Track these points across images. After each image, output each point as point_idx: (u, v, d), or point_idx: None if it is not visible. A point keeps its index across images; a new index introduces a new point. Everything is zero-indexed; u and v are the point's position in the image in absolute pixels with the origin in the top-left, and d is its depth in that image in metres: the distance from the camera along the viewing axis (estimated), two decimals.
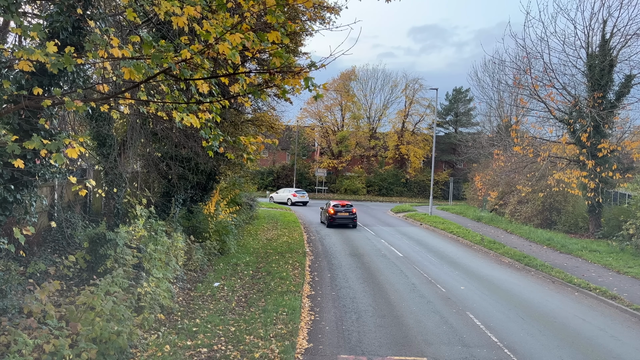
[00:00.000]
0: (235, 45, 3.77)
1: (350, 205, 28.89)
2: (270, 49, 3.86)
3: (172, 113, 4.67)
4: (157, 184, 16.50)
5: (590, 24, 24.46)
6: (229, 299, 11.80)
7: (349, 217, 28.02)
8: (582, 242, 22.28)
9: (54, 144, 4.27)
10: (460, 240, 24.99)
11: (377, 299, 12.88)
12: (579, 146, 23.88)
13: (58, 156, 4.31)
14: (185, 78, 4.19)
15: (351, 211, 28.25)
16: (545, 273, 16.69)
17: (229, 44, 3.74)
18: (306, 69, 3.96)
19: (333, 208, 28.21)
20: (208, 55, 4.11)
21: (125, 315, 7.71)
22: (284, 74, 3.96)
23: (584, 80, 25.07)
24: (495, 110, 43.49)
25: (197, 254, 14.03)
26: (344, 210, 28.16)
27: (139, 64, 3.76)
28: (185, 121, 4.61)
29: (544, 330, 10.92)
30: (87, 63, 4.95)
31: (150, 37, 4.05)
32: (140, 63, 3.77)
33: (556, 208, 28.12)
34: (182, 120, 4.55)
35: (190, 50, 3.91)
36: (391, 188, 63.33)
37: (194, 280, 13.10)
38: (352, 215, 28.14)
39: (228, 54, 3.77)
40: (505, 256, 19.89)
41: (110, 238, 9.17)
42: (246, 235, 22.68)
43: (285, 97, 4.45)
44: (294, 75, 3.96)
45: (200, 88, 4.41)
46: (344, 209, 28.20)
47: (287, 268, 15.73)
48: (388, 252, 20.41)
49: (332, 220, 27.94)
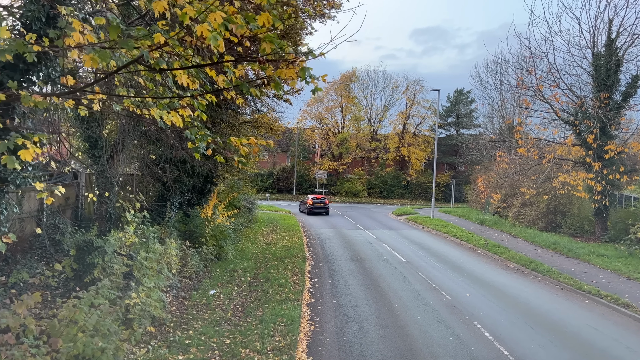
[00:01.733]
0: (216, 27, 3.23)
1: (324, 198, 38.43)
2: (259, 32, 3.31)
3: (151, 110, 4.14)
4: (152, 187, 15.99)
5: (596, 23, 24.01)
6: (225, 308, 11.28)
7: (323, 207, 37.03)
8: (589, 246, 21.74)
9: (3, 144, 3.75)
10: (464, 244, 24.45)
11: (380, 307, 12.35)
12: (585, 148, 23.36)
13: (9, 159, 3.79)
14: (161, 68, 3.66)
15: (325, 202, 37.48)
16: (553, 279, 16.15)
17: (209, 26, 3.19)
18: (302, 58, 3.42)
19: (311, 200, 37.33)
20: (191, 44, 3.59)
21: (111, 329, 7.19)
22: (276, 62, 3.43)
23: (589, 80, 24.56)
24: (498, 111, 43.02)
25: (192, 260, 13.51)
26: (319, 202, 37.37)
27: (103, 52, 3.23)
28: (166, 119, 4.08)
29: (555, 340, 10.39)
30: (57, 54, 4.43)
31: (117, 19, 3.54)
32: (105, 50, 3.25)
33: (561, 211, 27.58)
34: (162, 118, 4.03)
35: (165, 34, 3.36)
36: (392, 190, 62.79)
37: (189, 287, 12.57)
38: (325, 205, 37.24)
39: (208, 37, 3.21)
40: (510, 261, 19.36)
41: (98, 245, 8.65)
42: (245, 239, 22.16)
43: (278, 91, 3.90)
44: (287, 64, 3.42)
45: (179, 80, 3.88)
46: (319, 201, 37.44)
47: (287, 274, 15.21)
48: (390, 257, 19.88)
49: (310, 209, 36.57)
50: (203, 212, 17.57)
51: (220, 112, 15.75)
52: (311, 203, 36.62)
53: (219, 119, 16.04)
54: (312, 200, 37.01)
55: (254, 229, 26.06)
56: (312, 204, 36.60)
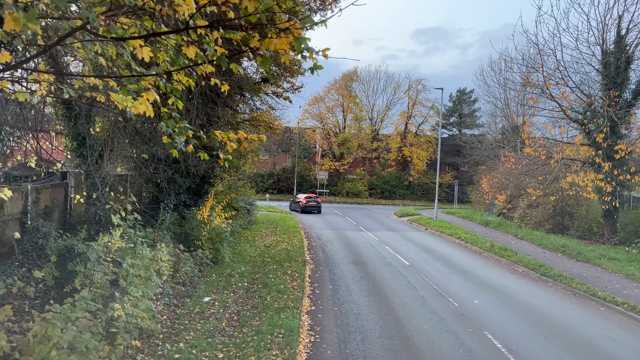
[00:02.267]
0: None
1: (317, 197, 41.13)
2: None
3: (112, 96, 3.41)
4: (145, 188, 15.32)
5: (605, 19, 23.29)
6: (220, 317, 10.59)
7: (316, 205, 39.22)
8: (599, 249, 21.02)
9: None
10: (469, 246, 23.74)
11: (384, 316, 11.66)
12: (594, 148, 22.63)
13: None
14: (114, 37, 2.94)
15: (317, 201, 39.71)
16: (564, 284, 15.44)
17: None
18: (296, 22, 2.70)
19: (305, 199, 39.47)
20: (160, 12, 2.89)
21: (90, 345, 6.51)
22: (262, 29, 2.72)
23: (598, 78, 23.84)
24: (502, 110, 42.29)
25: (186, 265, 12.82)
26: (312, 200, 39.58)
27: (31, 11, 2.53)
28: (131, 107, 3.36)
29: (573, 352, 9.69)
30: None
31: None
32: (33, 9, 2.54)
33: (568, 212, 26.85)
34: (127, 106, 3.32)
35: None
36: (394, 191, 62.08)
37: (182, 294, 11.88)
38: (318, 204, 39.39)
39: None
40: (518, 264, 18.65)
41: (80, 251, 7.97)
42: (243, 241, 21.47)
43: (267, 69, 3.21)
44: (278, 32, 2.71)
45: (139, 53, 3.17)
46: (312, 200, 39.80)
47: (286, 279, 14.52)
48: (393, 260, 19.18)
49: (304, 208, 38.49)
50: (199, 213, 16.88)
51: (217, 110, 15.07)
52: (305, 202, 39.23)
53: (215, 116, 15.35)
54: (305, 199, 39.57)
55: (253, 231, 25.37)
56: (306, 202, 39.19)
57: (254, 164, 25.71)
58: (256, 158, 24.76)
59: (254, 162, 24.59)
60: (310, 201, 39.41)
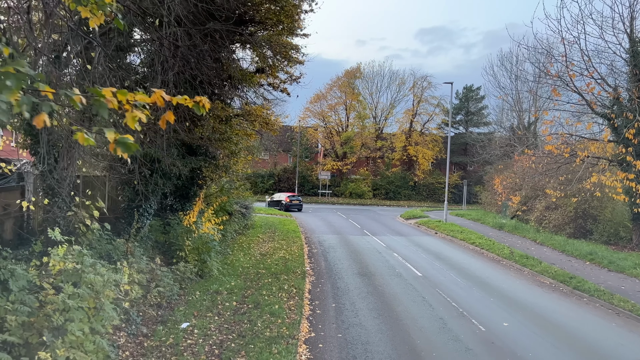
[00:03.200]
0: None
1: (299, 197, 45.95)
2: None
3: None
4: (121, 191, 13.34)
5: (633, 5, 21.21)
6: (197, 351, 8.59)
7: (298, 203, 43.36)
8: (632, 257, 18.95)
9: None
10: (485, 253, 21.70)
11: (398, 346, 9.64)
12: (623, 144, 20.55)
13: None
14: None
15: (299, 200, 44.28)
16: (603, 300, 13.40)
17: None
18: None
19: (288, 198, 43.63)
20: None
21: None
22: None
23: (625, 69, 21.76)
24: (513, 106, 40.21)
25: (162, 283, 10.83)
26: (295, 199, 43.94)
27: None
28: None
29: None
30: None
31: None
32: None
33: (591, 215, 24.74)
34: None
35: None
36: (399, 191, 60.04)
37: (154, 320, 9.88)
38: (300, 203, 43.65)
39: None
40: (544, 275, 16.60)
41: (1, 279, 5.98)
42: (237, 249, 19.48)
43: None
44: None
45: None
46: (295, 198, 44.10)
47: (282, 296, 12.51)
48: (404, 270, 17.17)
49: (287, 206, 42.34)
50: (186, 219, 14.92)
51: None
52: (288, 200, 43.30)
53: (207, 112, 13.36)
54: (289, 198, 43.81)
55: (249, 237, 23.37)
56: (290, 201, 43.24)
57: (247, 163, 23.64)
58: (250, 157, 22.74)
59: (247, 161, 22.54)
60: (293, 200, 43.70)
